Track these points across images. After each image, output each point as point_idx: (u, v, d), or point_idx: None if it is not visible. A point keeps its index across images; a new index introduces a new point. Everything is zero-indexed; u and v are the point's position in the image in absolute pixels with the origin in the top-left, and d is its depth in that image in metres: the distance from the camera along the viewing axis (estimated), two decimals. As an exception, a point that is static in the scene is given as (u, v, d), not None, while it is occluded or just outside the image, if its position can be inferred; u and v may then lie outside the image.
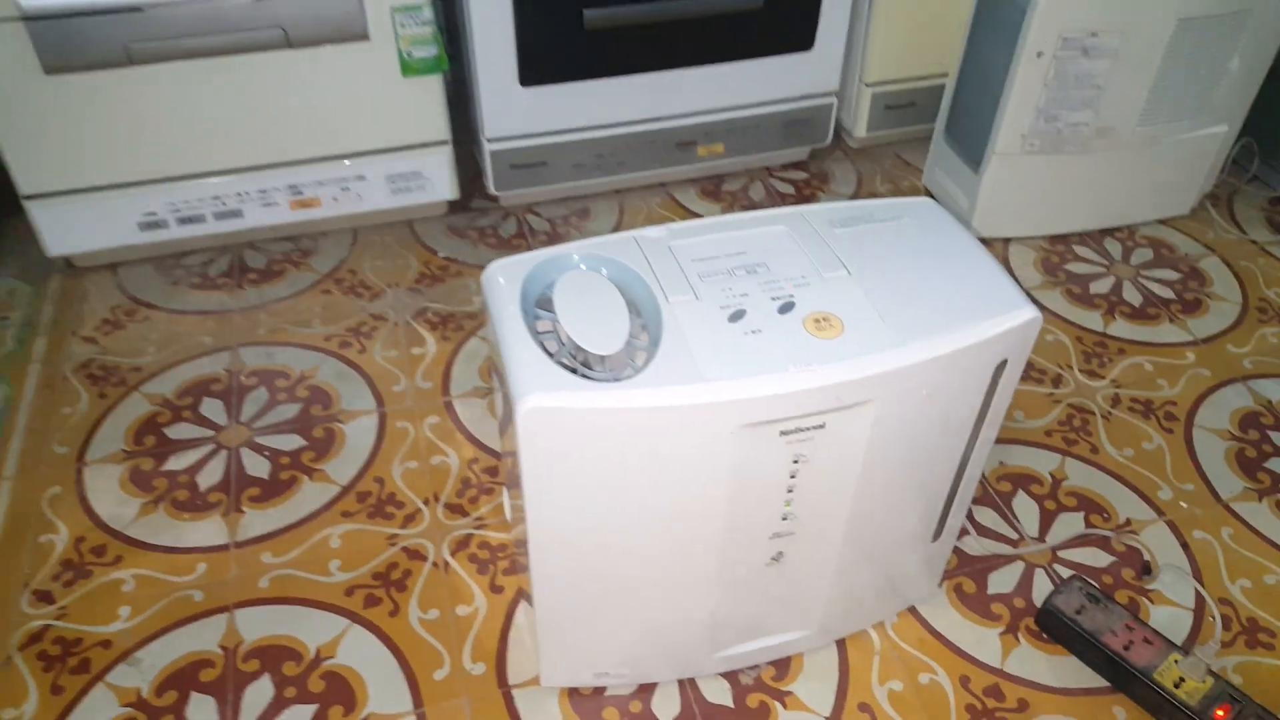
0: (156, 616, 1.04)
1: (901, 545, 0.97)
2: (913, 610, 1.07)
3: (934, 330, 0.78)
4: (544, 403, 0.72)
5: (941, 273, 0.84)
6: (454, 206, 1.64)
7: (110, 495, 1.17)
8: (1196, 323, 1.46)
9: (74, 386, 1.31)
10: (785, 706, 0.99)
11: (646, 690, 0.99)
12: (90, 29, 1.24)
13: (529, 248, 1.57)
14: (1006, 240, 1.61)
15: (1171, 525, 1.17)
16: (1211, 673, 0.97)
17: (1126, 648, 1.00)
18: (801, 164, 1.79)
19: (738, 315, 0.79)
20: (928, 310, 0.80)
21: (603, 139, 1.57)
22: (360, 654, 1.01)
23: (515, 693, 0.99)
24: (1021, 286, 1.47)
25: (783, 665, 1.02)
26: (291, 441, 1.24)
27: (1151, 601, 1.09)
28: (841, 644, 1.04)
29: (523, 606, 1.06)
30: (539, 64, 1.45)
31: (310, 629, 1.03)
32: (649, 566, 0.86)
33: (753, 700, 0.99)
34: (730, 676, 1.01)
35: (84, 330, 1.40)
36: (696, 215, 1.65)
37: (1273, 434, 1.28)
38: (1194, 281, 1.53)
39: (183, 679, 0.99)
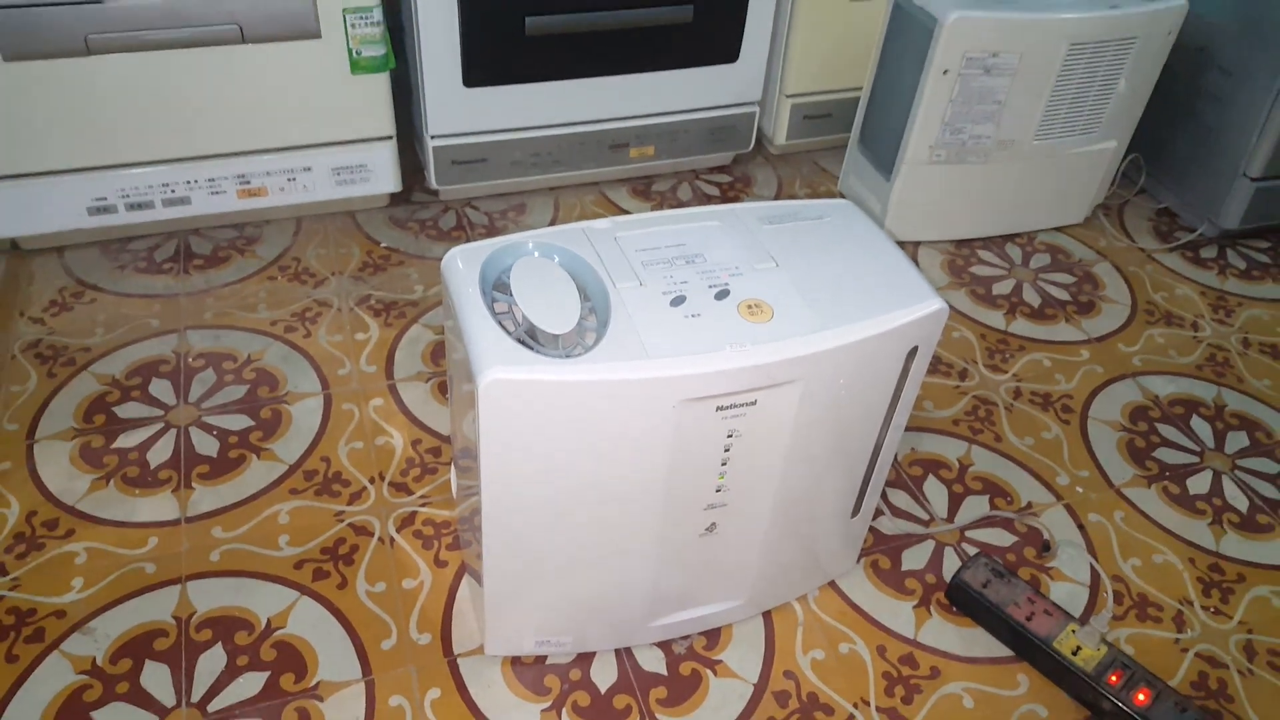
0: (109, 588, 1.06)
1: (823, 520, 1.03)
2: (833, 584, 1.14)
3: (853, 317, 0.85)
4: (503, 375, 0.77)
5: (860, 267, 0.92)
6: (395, 199, 1.68)
7: (61, 471, 1.18)
8: (1090, 323, 1.55)
9: (23, 366, 1.32)
10: (716, 674, 1.04)
11: (585, 659, 1.04)
12: (51, 19, 1.25)
13: (468, 239, 1.59)
14: (916, 244, 1.69)
15: (1069, 508, 1.25)
16: (1105, 641, 1.04)
17: (1028, 619, 1.06)
18: (726, 168, 1.86)
19: (678, 300, 0.85)
20: (848, 300, 0.87)
21: (540, 139, 1.62)
22: (310, 624, 1.04)
23: (460, 661, 1.02)
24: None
25: (713, 635, 1.07)
26: (239, 421, 1.27)
27: (1051, 577, 1.16)
28: (768, 615, 1.10)
29: (466, 580, 1.10)
30: (482, 67, 1.50)
31: (261, 600, 1.06)
32: (593, 537, 0.92)
33: (685, 668, 1.04)
34: (664, 646, 1.06)
35: (31, 311, 1.41)
36: (627, 213, 1.69)
37: (1160, 426, 1.37)
38: (1088, 285, 1.63)
39: (137, 648, 1.01)
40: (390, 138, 1.54)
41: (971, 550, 1.18)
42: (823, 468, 0.96)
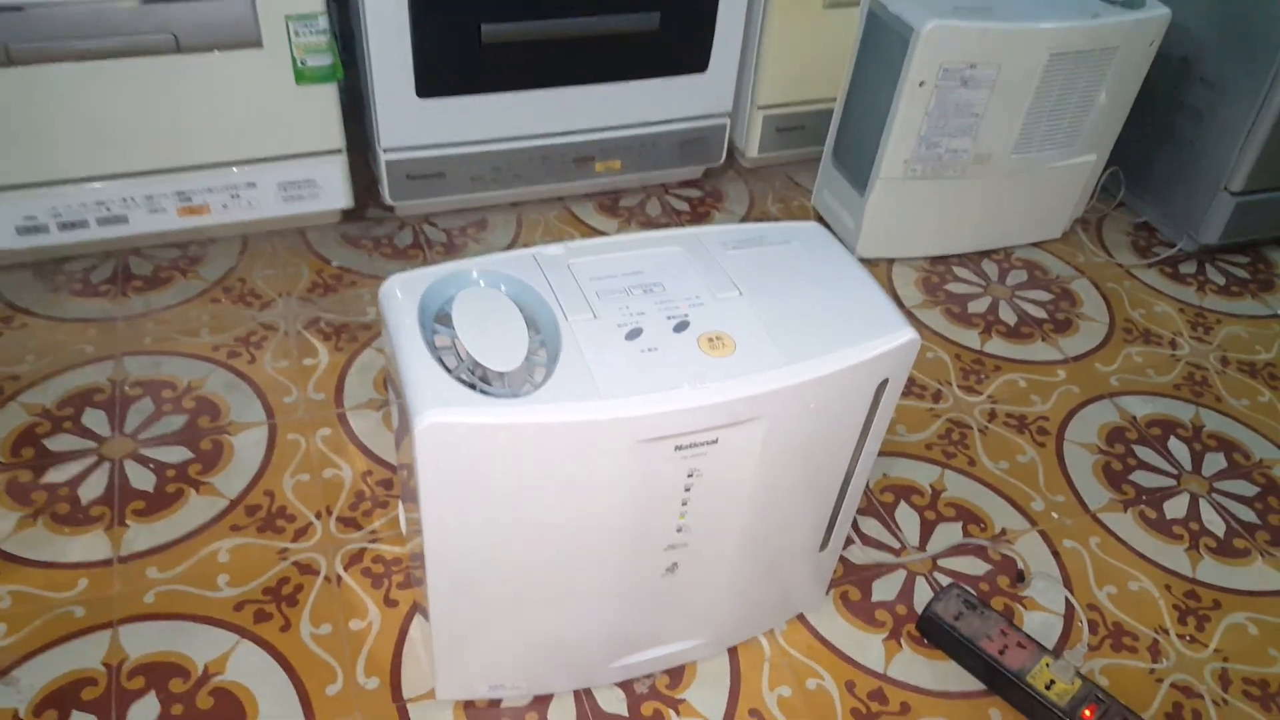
0: (35, 634, 1.01)
1: (791, 555, 0.99)
2: (801, 618, 1.10)
3: (820, 350, 0.81)
4: (442, 418, 0.72)
5: (828, 295, 0.87)
6: (348, 215, 1.62)
7: (-15, 509, 1.13)
8: (1067, 342, 1.52)
9: (-54, 396, 1.26)
10: (679, 714, 1.00)
11: (542, 701, 1.00)
12: (-32, 28, 1.20)
13: (425, 258, 1.56)
14: (890, 260, 1.66)
15: (1043, 535, 1.22)
16: (1080, 675, 1.02)
17: (1002, 652, 1.04)
18: (696, 182, 1.82)
19: (634, 333, 0.80)
20: (814, 331, 0.83)
21: (500, 152, 1.57)
22: (250, 670, 1.00)
23: (410, 706, 0.98)
24: (903, 306, 1.54)
25: (676, 673, 1.04)
26: (178, 453, 1.21)
27: (1025, 607, 1.13)
28: (733, 651, 1.06)
29: (417, 620, 1.05)
30: (436, 76, 1.45)
31: (198, 645, 1.01)
32: (546, 580, 0.87)
33: (647, 709, 1.00)
34: (625, 686, 1.02)
35: (-43, 337, 1.35)
36: (594, 229, 1.66)
37: (1136, 448, 1.35)
38: (1065, 302, 1.60)
39: (63, 698, 0.96)
40: (340, 151, 1.48)
41: (944, 580, 1.16)
42: (789, 504, 0.92)
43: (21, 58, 1.23)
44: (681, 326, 0.81)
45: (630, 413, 0.75)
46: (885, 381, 0.87)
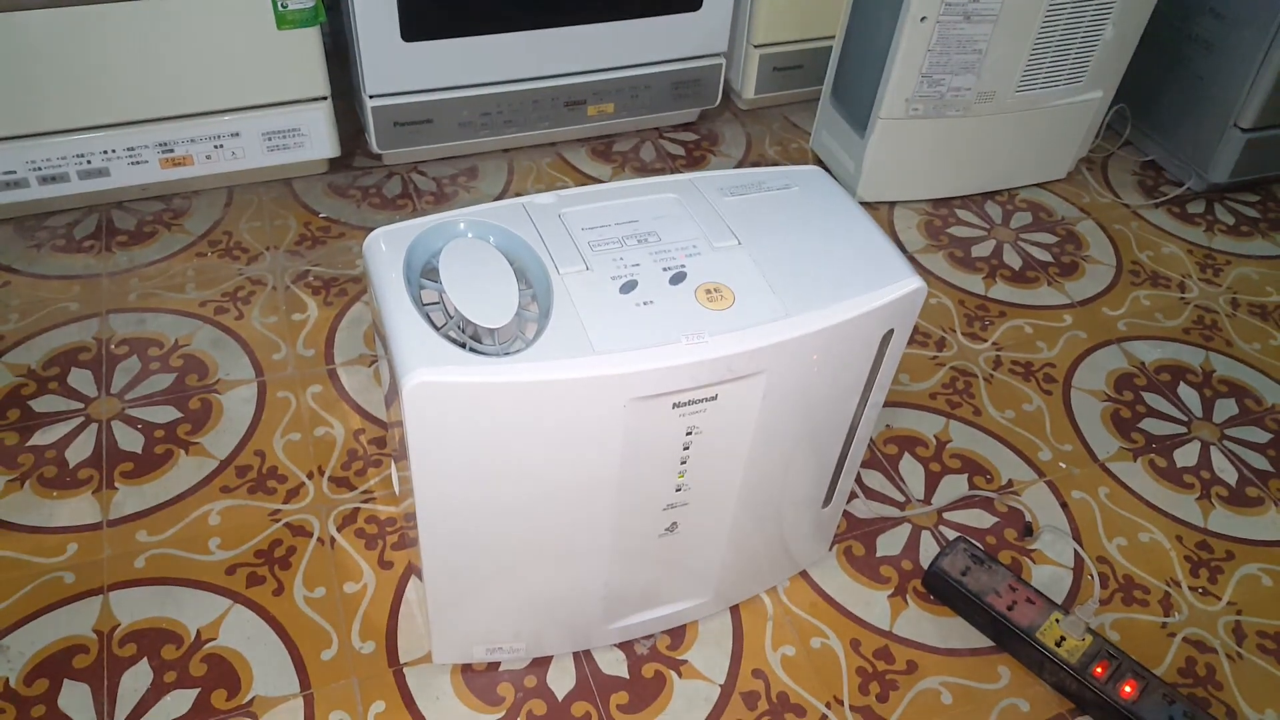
0: (24, 601, 0.99)
1: (793, 512, 0.97)
2: (804, 574, 1.08)
3: (823, 301, 0.78)
4: (430, 378, 0.70)
5: (830, 243, 0.84)
6: (335, 165, 1.58)
7: (-31, 474, 1.10)
8: (1073, 285, 1.49)
9: (-73, 358, 1.23)
10: (681, 675, 0.99)
11: (541, 664, 0.98)
12: (-69, -26, 1.15)
13: (414, 208, 1.52)
14: (891, 204, 1.62)
15: (1051, 485, 1.20)
16: (1090, 630, 1.00)
17: (1010, 608, 1.02)
18: (691, 125, 1.77)
19: (629, 286, 0.77)
20: (816, 281, 0.80)
21: (490, 97, 1.53)
22: (243, 635, 0.98)
23: (406, 670, 0.97)
24: (906, 250, 1.50)
25: (677, 634, 1.02)
26: (166, 413, 1.18)
27: (1033, 561, 1.11)
28: (735, 610, 1.05)
29: (413, 582, 1.04)
30: (421, 18, 1.40)
31: (190, 610, 1.00)
32: (542, 540, 0.85)
33: (648, 670, 0.99)
34: (625, 647, 1.01)
35: (-63, 297, 1.32)
36: (587, 175, 1.62)
37: (1146, 395, 1.32)
38: (1070, 245, 1.57)
39: (54, 666, 0.94)
40: (325, 98, 1.44)
41: (950, 533, 1.13)
42: (791, 460, 0.90)
43: (-11, 5, 1.19)
44: (678, 278, 0.78)
45: (626, 369, 0.72)
46: (890, 332, 0.84)
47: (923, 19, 1.38)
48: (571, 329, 0.74)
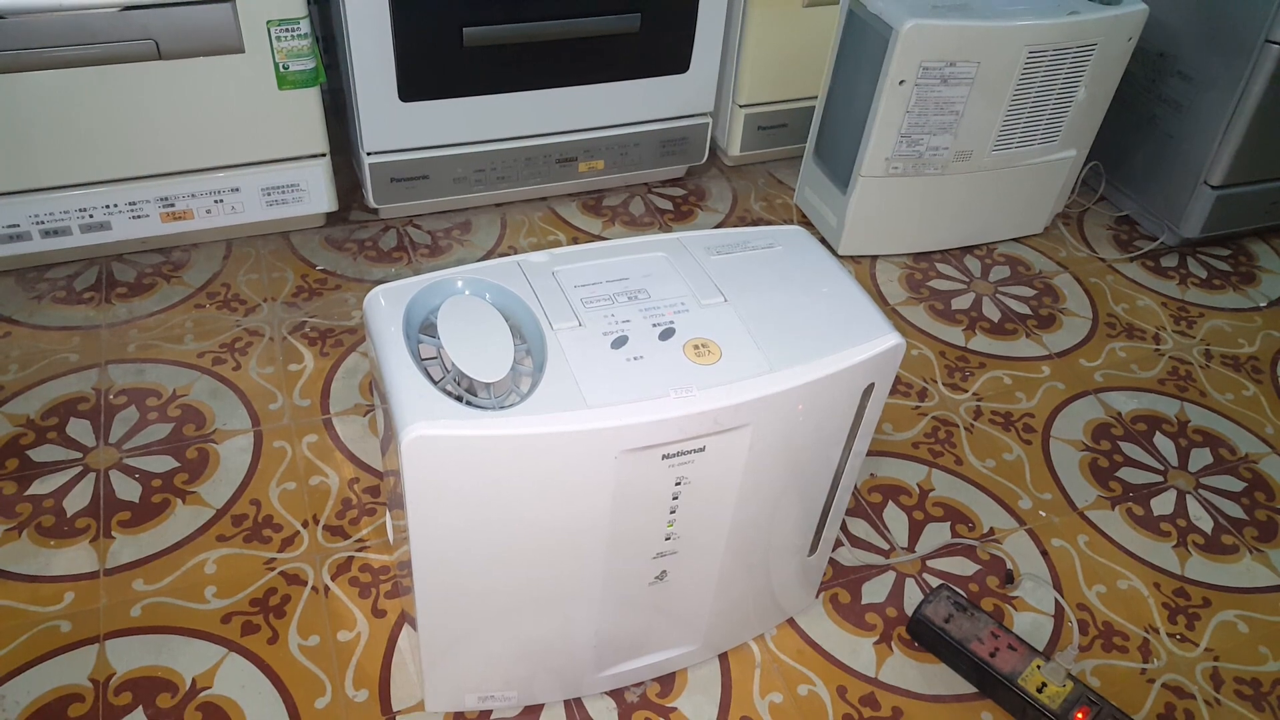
0: (20, 650, 1.00)
1: (780, 560, 0.99)
2: (791, 622, 1.10)
3: (806, 357, 0.81)
4: (429, 431, 0.72)
5: (812, 300, 0.87)
6: (332, 218, 1.61)
7: (-32, 523, 1.12)
8: (1051, 338, 1.52)
9: (-72, 408, 1.25)
10: (669, 721, 1.00)
11: (532, 712, 0.99)
12: (-53, 38, 1.18)
13: (410, 261, 1.55)
14: (873, 258, 1.66)
15: (1031, 534, 1.22)
16: (1071, 677, 1.01)
17: (992, 655, 1.03)
18: (679, 181, 1.81)
19: (620, 341, 0.80)
20: (800, 337, 0.83)
21: (484, 154, 1.56)
22: (238, 683, 0.99)
23: (399, 719, 0.97)
24: (887, 303, 1.54)
25: (667, 681, 1.03)
26: (163, 463, 1.20)
27: (1015, 608, 1.13)
28: (724, 657, 1.06)
29: (406, 630, 1.05)
30: (419, 80, 1.44)
31: (185, 659, 1.00)
32: (533, 589, 0.87)
33: (638, 717, 1.00)
34: (616, 695, 1.02)
35: (-61, 348, 1.33)
36: (578, 229, 1.66)
37: (1123, 444, 1.35)
38: (1048, 298, 1.61)
39: (50, 715, 0.95)
40: (323, 155, 1.47)
41: (933, 580, 1.15)
42: (778, 509, 0.92)
43: (3, 66, 1.22)
44: (667, 334, 0.81)
45: (617, 422, 0.75)
46: (871, 386, 0.87)
47: (901, 82, 1.42)
48: (564, 383, 0.77)
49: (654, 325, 0.82)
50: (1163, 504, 1.27)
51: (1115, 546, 1.21)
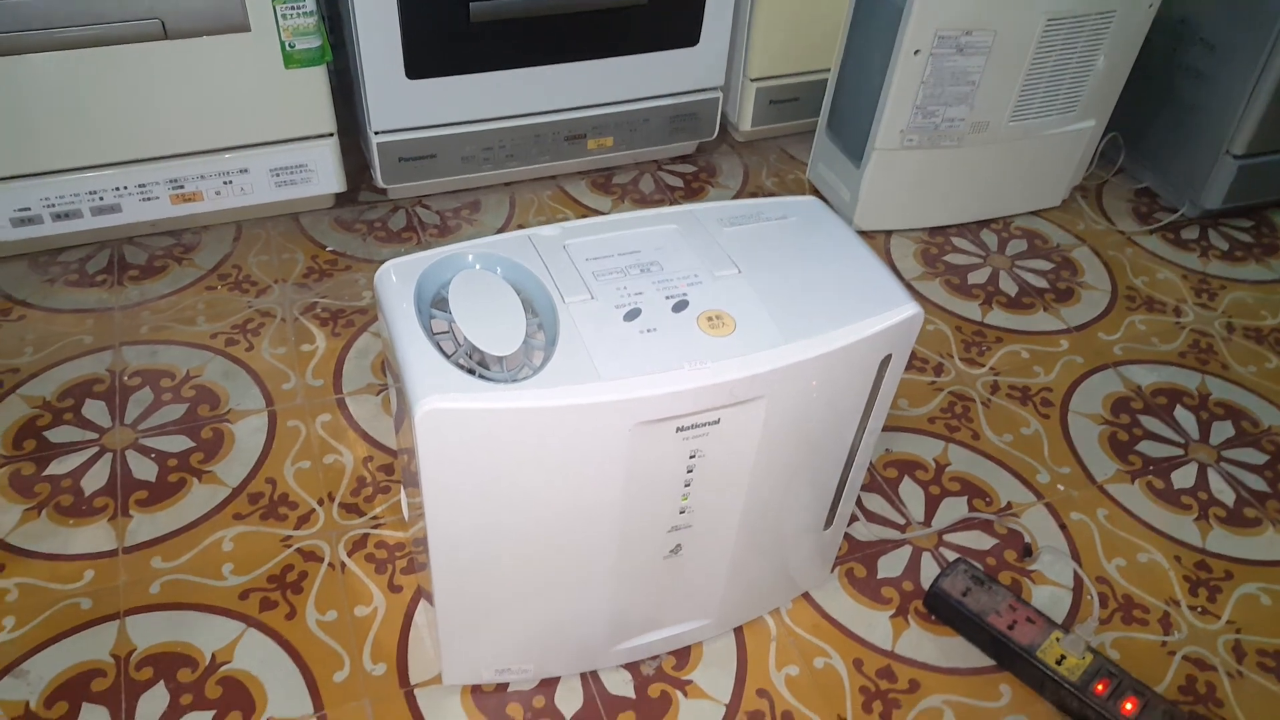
0: (42, 626, 1.01)
1: (795, 534, 0.99)
2: (807, 596, 1.10)
3: (822, 327, 0.80)
4: (441, 404, 0.72)
5: (828, 271, 0.86)
6: (341, 199, 1.61)
7: (-12, 503, 1.12)
8: (1069, 311, 1.51)
9: (-55, 391, 1.25)
10: (686, 695, 1.00)
11: (549, 684, 1.00)
12: (-49, 19, 1.18)
13: (419, 241, 1.55)
14: (888, 233, 1.64)
15: (1050, 507, 1.21)
16: (1091, 649, 1.01)
17: (1010, 627, 1.03)
18: (690, 157, 1.80)
19: (633, 314, 0.80)
20: (815, 308, 0.82)
21: (492, 132, 1.56)
22: (257, 658, 0.99)
23: (417, 692, 0.98)
24: (903, 278, 1.53)
25: (683, 655, 1.03)
26: (179, 443, 1.20)
27: (1033, 581, 1.13)
28: (739, 632, 1.06)
29: (422, 605, 1.05)
30: (426, 57, 1.43)
31: (205, 634, 1.01)
32: (548, 563, 0.87)
33: (654, 690, 1.00)
34: (632, 668, 1.02)
35: (-47, 331, 1.34)
36: (587, 207, 1.65)
37: (1142, 418, 1.34)
38: (1066, 271, 1.59)
39: (73, 690, 0.96)
40: (331, 135, 1.47)
41: (950, 555, 1.15)
42: (793, 482, 0.91)
43: (8, 48, 1.22)
44: (680, 306, 0.80)
45: (630, 395, 0.74)
46: (889, 357, 0.86)
47: (916, 52, 1.41)
48: (577, 356, 0.76)
49: (667, 297, 0.81)
50: (1183, 477, 1.26)
51: (1135, 520, 1.20)
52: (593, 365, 0.75)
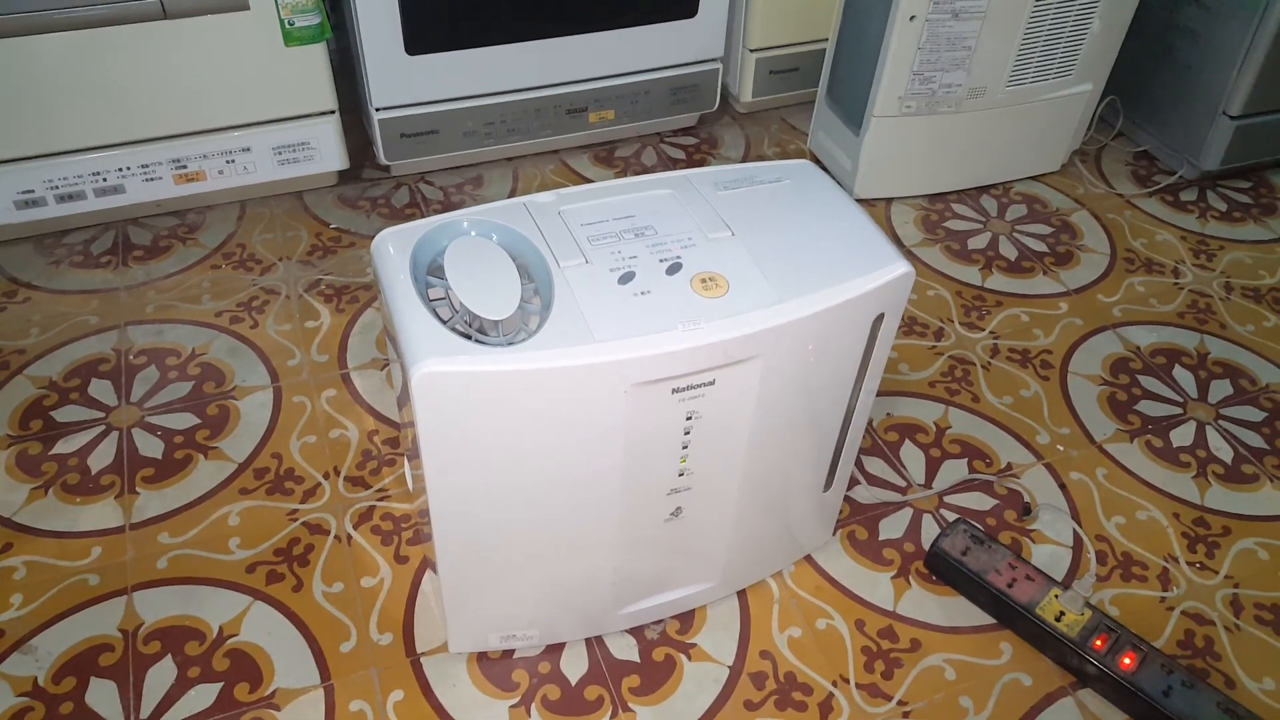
0: (51, 603, 1.02)
1: (795, 496, 1.00)
2: (809, 558, 1.10)
3: (814, 287, 0.81)
4: (438, 368, 0.73)
5: (820, 232, 0.87)
6: (344, 177, 1.62)
7: (-4, 482, 1.14)
8: (1068, 274, 1.51)
9: (-48, 372, 1.27)
10: (690, 658, 1.01)
11: (554, 650, 1.01)
12: (-48, 2, 1.18)
13: (422, 216, 1.54)
14: (889, 200, 1.65)
15: (1049, 468, 1.22)
16: (1089, 605, 1.02)
17: (1010, 585, 1.04)
18: (691, 129, 1.80)
19: (627, 277, 0.80)
20: (808, 268, 0.83)
21: (493, 106, 1.56)
22: (265, 630, 1.01)
23: (424, 660, 0.99)
24: (903, 245, 1.53)
25: (686, 618, 1.04)
26: (185, 420, 1.22)
27: (1033, 541, 1.13)
28: (742, 594, 1.07)
29: (428, 575, 1.06)
30: (425, 32, 1.43)
31: (212, 608, 1.02)
32: (550, 528, 0.88)
33: (659, 654, 1.01)
34: (636, 632, 1.03)
35: (-40, 314, 1.35)
36: (590, 181, 1.65)
37: (1141, 378, 1.34)
38: (1065, 235, 1.59)
39: (81, 664, 0.97)
40: (333, 112, 1.47)
41: (950, 516, 1.15)
42: (791, 443, 0.92)
43: (8, 30, 1.22)
44: (674, 268, 0.81)
45: (625, 356, 0.75)
46: (881, 316, 0.86)
47: (912, 18, 1.41)
48: (572, 319, 0.77)
49: (661, 260, 0.82)
50: (1182, 435, 1.26)
51: (1134, 478, 1.21)
52: (588, 328, 0.76)
